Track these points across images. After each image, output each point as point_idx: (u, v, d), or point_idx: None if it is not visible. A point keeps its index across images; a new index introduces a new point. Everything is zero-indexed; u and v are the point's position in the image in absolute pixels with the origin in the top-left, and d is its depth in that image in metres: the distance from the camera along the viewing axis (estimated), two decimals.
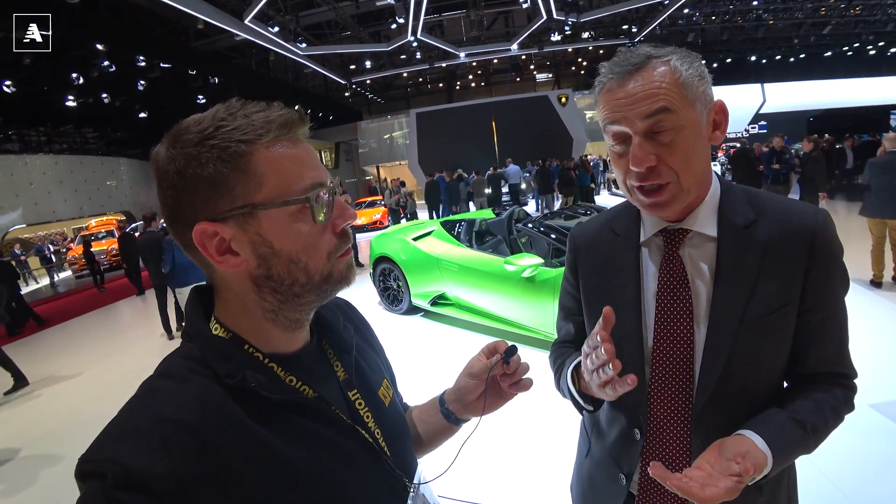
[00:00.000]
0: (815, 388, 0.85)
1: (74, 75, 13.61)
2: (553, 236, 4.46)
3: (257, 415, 0.57)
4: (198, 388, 0.56)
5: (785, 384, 0.91)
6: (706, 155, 0.82)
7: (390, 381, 0.85)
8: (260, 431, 0.56)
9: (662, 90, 0.76)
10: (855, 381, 0.89)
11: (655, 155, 0.78)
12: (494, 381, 0.83)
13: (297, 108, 0.62)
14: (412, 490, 0.73)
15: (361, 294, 6.77)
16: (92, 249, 11.81)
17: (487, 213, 6.33)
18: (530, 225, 4.89)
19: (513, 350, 0.81)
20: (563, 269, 3.88)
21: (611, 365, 0.72)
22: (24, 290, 11.44)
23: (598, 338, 0.74)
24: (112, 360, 6.12)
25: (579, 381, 0.93)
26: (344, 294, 0.73)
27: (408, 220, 13.17)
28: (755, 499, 0.85)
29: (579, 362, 0.89)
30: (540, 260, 4.09)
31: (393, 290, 5.92)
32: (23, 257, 14.36)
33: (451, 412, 0.87)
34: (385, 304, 6.07)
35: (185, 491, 0.48)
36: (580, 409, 0.95)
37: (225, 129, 0.55)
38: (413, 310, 5.78)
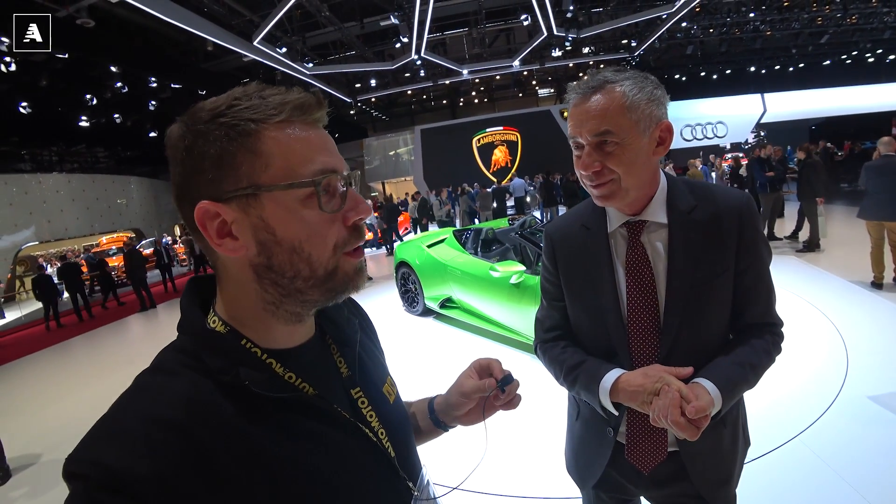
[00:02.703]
0: (751, 336, 1.05)
1: (88, 96, 14.00)
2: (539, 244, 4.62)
3: (251, 412, 0.55)
4: (187, 384, 0.54)
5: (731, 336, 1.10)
6: (648, 164, 1.01)
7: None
8: (252, 430, 0.54)
9: (609, 113, 0.95)
10: (782, 328, 1.09)
11: (600, 161, 0.98)
12: (485, 399, 0.83)
13: (313, 91, 0.60)
14: (416, 491, 0.70)
15: (386, 300, 7.25)
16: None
17: (503, 223, 6.73)
18: (518, 233, 5.09)
19: (509, 379, 0.81)
20: None
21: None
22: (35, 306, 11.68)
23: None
24: (133, 367, 6.25)
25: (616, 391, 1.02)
26: (361, 300, 0.73)
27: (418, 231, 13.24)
28: (721, 430, 1.07)
29: (618, 377, 1.01)
30: (522, 267, 4.32)
31: (412, 293, 6.39)
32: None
33: (440, 421, 0.88)
34: (406, 305, 6.58)
35: (170, 491, 0.47)
36: (606, 413, 1.08)
37: (237, 107, 0.54)
38: (428, 312, 6.16)
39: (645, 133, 0.97)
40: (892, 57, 24.60)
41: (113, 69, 12.59)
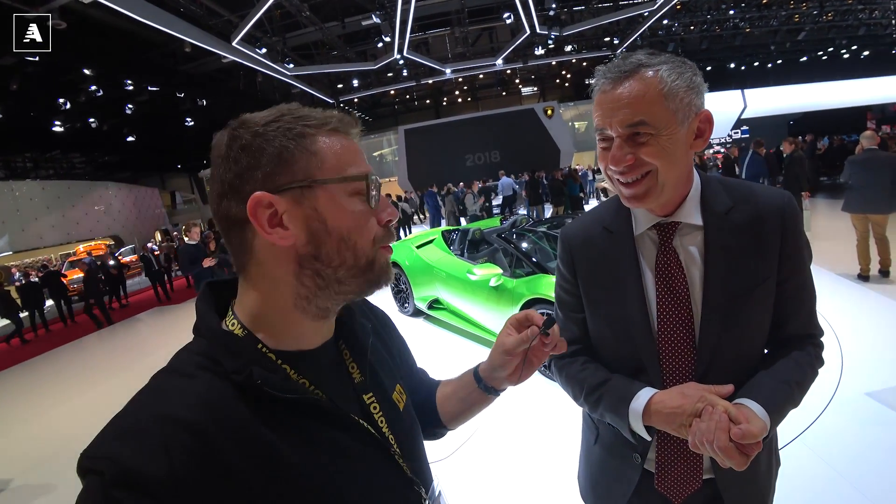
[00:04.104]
0: (793, 350, 0.94)
1: (61, 100, 13.58)
2: (525, 247, 4.56)
3: (265, 415, 0.56)
4: (203, 386, 0.55)
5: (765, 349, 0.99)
6: (684, 157, 0.89)
7: (408, 372, 0.87)
8: (265, 432, 0.55)
9: (644, 101, 0.83)
10: (822, 338, 1.01)
11: (632, 154, 0.85)
12: (525, 351, 0.81)
13: (350, 112, 0.67)
14: (427, 500, 0.71)
15: (380, 300, 7.12)
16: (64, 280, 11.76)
17: (495, 222, 6.66)
18: (499, 235, 5.01)
19: (551, 321, 0.80)
20: (522, 280, 4.03)
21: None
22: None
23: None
24: (100, 387, 6.04)
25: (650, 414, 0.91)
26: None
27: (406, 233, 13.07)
28: (759, 454, 0.91)
29: (651, 398, 0.90)
30: (499, 270, 4.27)
31: (403, 294, 6.36)
32: (18, 282, 14.15)
33: (489, 386, 0.87)
34: (398, 305, 6.53)
35: (183, 491, 0.48)
36: (635, 437, 0.96)
37: (288, 116, 0.60)
38: (419, 313, 6.11)
39: (683, 124, 0.85)
40: (866, 53, 25.14)
41: (87, 72, 12.23)
